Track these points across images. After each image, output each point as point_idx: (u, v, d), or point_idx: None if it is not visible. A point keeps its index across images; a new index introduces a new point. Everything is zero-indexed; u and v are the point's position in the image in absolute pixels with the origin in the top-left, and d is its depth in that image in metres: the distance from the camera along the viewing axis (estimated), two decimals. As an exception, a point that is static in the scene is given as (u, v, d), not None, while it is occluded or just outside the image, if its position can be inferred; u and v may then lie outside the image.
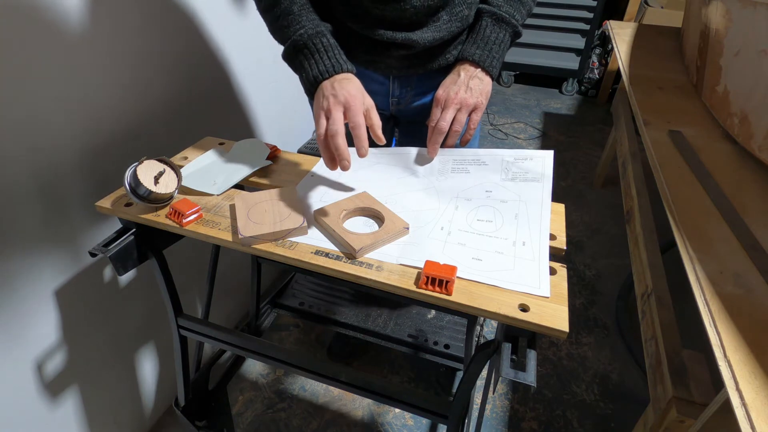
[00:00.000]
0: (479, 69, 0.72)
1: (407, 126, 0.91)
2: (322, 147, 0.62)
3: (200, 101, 1.02)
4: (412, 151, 0.75)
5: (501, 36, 0.72)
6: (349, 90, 0.61)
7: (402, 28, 0.71)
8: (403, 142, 0.94)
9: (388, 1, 0.68)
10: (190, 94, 0.99)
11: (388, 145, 0.90)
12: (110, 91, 0.80)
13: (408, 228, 0.60)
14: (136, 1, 0.81)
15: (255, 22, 1.12)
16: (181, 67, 0.95)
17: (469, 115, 0.71)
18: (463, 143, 0.75)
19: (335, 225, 0.59)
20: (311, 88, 0.66)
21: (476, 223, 0.61)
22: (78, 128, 0.76)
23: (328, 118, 0.61)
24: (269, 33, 0.72)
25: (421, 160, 0.74)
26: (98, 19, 0.75)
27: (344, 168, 0.61)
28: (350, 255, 0.57)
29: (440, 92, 0.71)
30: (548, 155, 0.69)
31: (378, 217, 0.62)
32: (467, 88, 0.70)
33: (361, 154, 0.60)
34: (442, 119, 0.69)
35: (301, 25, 0.66)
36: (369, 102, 0.64)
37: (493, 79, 0.73)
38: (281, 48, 0.69)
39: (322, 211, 0.62)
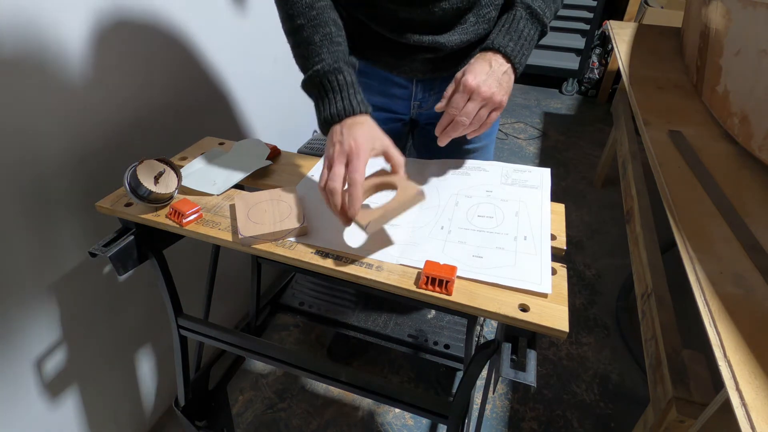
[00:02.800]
0: (510, 64, 0.63)
1: (425, 128, 0.87)
2: (324, 197, 0.57)
3: (200, 101, 1.02)
4: (415, 161, 0.76)
5: (532, 33, 0.65)
6: (357, 137, 0.56)
7: (429, 31, 0.69)
8: (417, 145, 0.93)
9: (415, 4, 0.66)
10: (190, 94, 0.98)
11: (401, 152, 0.89)
12: (110, 91, 0.80)
13: (423, 193, 0.56)
14: (136, 2, 0.81)
15: (255, 23, 1.12)
16: (181, 68, 0.95)
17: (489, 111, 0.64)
18: (470, 136, 0.68)
19: None
20: (323, 129, 0.62)
21: (477, 219, 0.61)
22: (78, 128, 0.76)
23: (330, 169, 0.56)
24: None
25: (421, 166, 0.74)
26: (99, 21, 0.75)
27: (344, 224, 0.56)
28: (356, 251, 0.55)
29: (470, 79, 0.61)
30: (546, 171, 0.70)
31: (395, 188, 0.58)
32: (499, 83, 0.62)
33: (350, 214, 0.54)
34: (465, 113, 0.61)
35: (320, 59, 0.61)
36: (384, 144, 0.58)
37: (516, 79, 0.66)
38: (281, 48, 0.69)
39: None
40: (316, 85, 0.62)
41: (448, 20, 0.69)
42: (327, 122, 0.61)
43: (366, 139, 0.57)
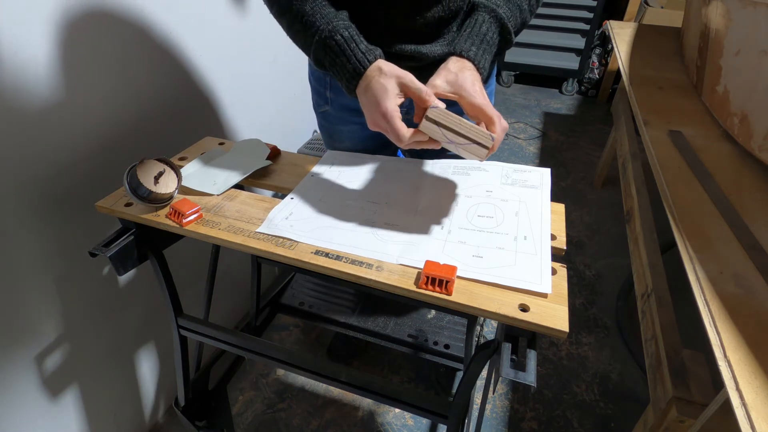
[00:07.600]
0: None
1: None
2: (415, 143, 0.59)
3: (200, 101, 1.02)
4: (415, 161, 0.76)
5: (489, 60, 0.63)
6: (376, 103, 0.58)
7: (411, 40, 0.69)
8: (407, 152, 0.92)
9: (398, 11, 0.65)
10: (190, 94, 0.99)
11: (393, 155, 0.88)
12: (110, 91, 0.80)
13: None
14: (136, 2, 0.81)
15: (254, 22, 1.12)
16: (181, 68, 0.95)
17: None
18: None
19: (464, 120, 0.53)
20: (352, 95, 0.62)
21: (477, 219, 0.61)
22: (78, 128, 0.76)
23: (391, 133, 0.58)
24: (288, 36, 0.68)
25: (422, 166, 0.74)
26: (99, 21, 0.75)
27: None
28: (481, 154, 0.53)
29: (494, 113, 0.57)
30: (546, 171, 0.70)
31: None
32: None
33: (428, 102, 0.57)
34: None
35: (315, 27, 0.62)
36: (401, 79, 0.60)
37: None
38: (280, 48, 0.68)
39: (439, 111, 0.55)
40: (323, 55, 0.62)
41: (431, 30, 0.68)
42: (350, 90, 0.61)
43: (382, 97, 0.58)
